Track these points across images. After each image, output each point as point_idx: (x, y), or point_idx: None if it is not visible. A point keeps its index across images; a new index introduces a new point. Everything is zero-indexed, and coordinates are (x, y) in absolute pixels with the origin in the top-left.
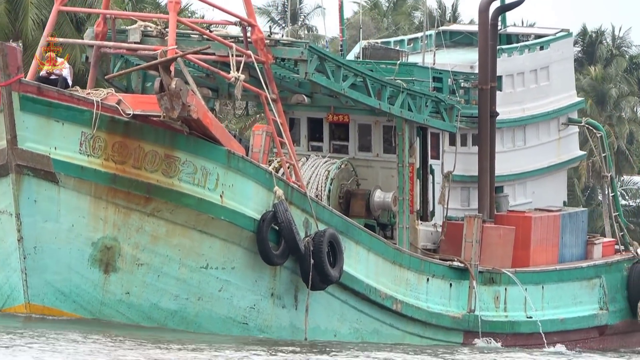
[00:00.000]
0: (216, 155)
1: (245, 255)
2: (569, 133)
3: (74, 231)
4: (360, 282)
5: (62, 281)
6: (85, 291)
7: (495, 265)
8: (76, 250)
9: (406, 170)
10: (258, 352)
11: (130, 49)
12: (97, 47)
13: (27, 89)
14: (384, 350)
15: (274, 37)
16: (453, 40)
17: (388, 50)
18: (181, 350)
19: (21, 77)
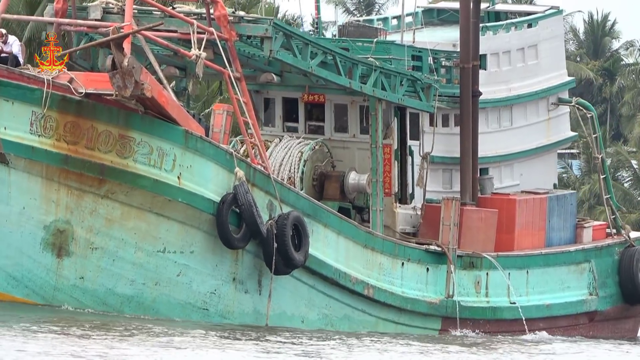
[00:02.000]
0: (173, 135)
1: (205, 239)
2: (560, 113)
3: (25, 214)
4: (329, 266)
5: (14, 266)
6: (37, 276)
7: (476, 249)
8: (28, 233)
9: (379, 151)
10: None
11: (91, 27)
12: (57, 24)
13: None
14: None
15: (237, 14)
16: (440, 18)
17: (365, 28)
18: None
19: None
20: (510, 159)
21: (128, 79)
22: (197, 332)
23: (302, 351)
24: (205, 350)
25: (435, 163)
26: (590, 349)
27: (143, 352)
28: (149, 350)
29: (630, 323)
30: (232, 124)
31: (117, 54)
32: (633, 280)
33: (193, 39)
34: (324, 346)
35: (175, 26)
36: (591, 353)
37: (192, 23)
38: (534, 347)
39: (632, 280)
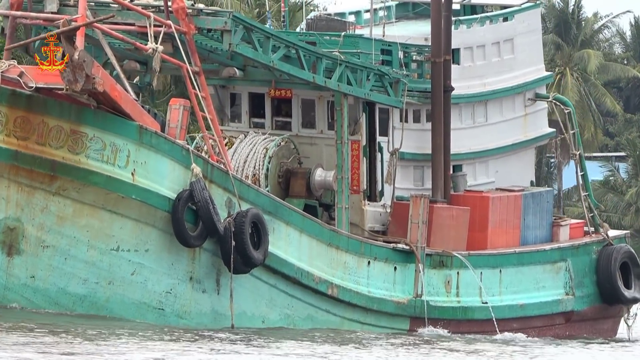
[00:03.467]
0: (127, 130)
1: (160, 237)
2: (537, 109)
3: None
4: (291, 265)
5: None
6: None
7: (447, 247)
8: None
9: (345, 148)
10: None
11: (47, 19)
12: (13, 17)
13: None
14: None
15: (196, 7)
16: (415, 12)
17: (334, 21)
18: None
19: None
20: (485, 155)
21: (79, 73)
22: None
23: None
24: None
25: (407, 160)
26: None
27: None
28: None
29: (608, 323)
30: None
31: (68, 47)
32: (611, 280)
33: (150, 32)
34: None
35: (133, 19)
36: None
37: (149, 16)
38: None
39: (610, 279)
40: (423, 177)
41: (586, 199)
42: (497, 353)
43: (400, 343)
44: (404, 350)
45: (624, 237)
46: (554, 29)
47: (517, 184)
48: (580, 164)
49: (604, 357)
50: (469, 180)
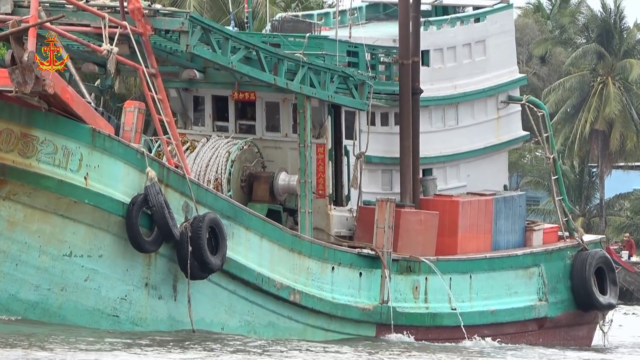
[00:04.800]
0: (79, 133)
1: (115, 242)
2: (510, 112)
3: None
4: (251, 271)
5: None
6: None
7: (415, 253)
8: None
9: (309, 151)
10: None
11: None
12: None
13: None
14: None
15: (153, 7)
16: (386, 13)
17: (299, 22)
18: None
19: None
20: (456, 159)
21: (28, 75)
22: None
23: None
24: None
25: (375, 164)
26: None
27: None
28: None
29: (583, 330)
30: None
31: (17, 49)
32: (586, 285)
33: (105, 34)
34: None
35: (89, 20)
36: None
37: (104, 17)
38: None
39: (584, 285)
40: (392, 181)
41: (560, 203)
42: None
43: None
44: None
45: (599, 242)
46: (596, 39)
47: (490, 188)
48: (554, 168)
49: None
50: (440, 185)
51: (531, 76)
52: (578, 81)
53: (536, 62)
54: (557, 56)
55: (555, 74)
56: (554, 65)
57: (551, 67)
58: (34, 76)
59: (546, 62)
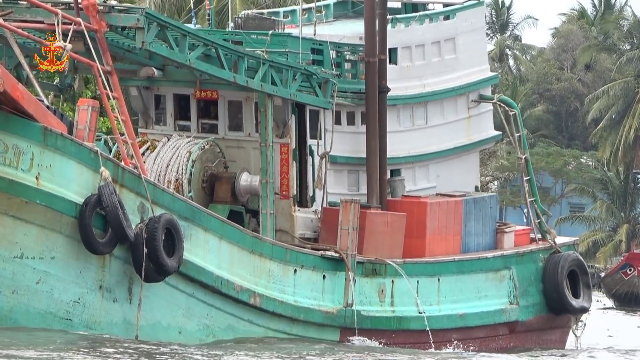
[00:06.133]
0: (30, 132)
1: (67, 244)
2: (482, 111)
3: None
4: (210, 273)
5: None
6: None
7: (382, 255)
8: None
9: (270, 150)
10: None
11: None
12: None
13: None
14: None
15: (108, 4)
16: (354, 11)
17: (262, 20)
18: None
19: None
20: (426, 159)
21: None
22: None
23: None
24: None
25: (341, 164)
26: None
27: None
28: None
29: (556, 334)
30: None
31: None
32: (558, 289)
33: (58, 30)
34: None
35: (42, 17)
36: None
37: (57, 13)
38: None
39: (557, 288)
40: (358, 182)
41: (532, 205)
42: None
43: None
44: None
45: (573, 244)
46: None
47: (460, 189)
48: (526, 168)
49: None
50: (408, 186)
51: (576, 82)
52: (622, 88)
53: (581, 69)
54: (601, 62)
55: (600, 81)
56: (598, 71)
57: (596, 73)
58: None
59: (591, 68)
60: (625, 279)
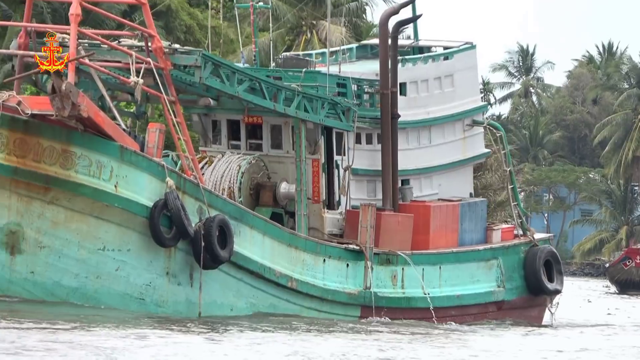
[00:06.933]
0: (109, 149)
1: (140, 239)
2: (474, 133)
3: None
4: (255, 262)
5: None
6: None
7: (394, 248)
8: None
9: (304, 164)
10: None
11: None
12: (21, 56)
13: None
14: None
15: (172, 47)
16: (373, 53)
17: (298, 60)
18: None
19: None
20: (429, 172)
21: (66, 101)
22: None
23: None
24: None
25: (361, 175)
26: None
27: None
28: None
29: (535, 311)
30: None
31: (56, 80)
32: (536, 275)
33: (132, 68)
34: None
35: (120, 57)
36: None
37: (131, 54)
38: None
39: (535, 274)
40: (375, 190)
41: (515, 208)
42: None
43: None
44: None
45: (548, 239)
46: (637, 84)
47: (457, 195)
48: (510, 179)
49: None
50: (415, 192)
51: (585, 114)
52: (622, 119)
53: (589, 103)
54: (606, 98)
55: (605, 113)
56: (603, 105)
57: (601, 107)
58: (70, 102)
59: (597, 103)
60: (625, 269)
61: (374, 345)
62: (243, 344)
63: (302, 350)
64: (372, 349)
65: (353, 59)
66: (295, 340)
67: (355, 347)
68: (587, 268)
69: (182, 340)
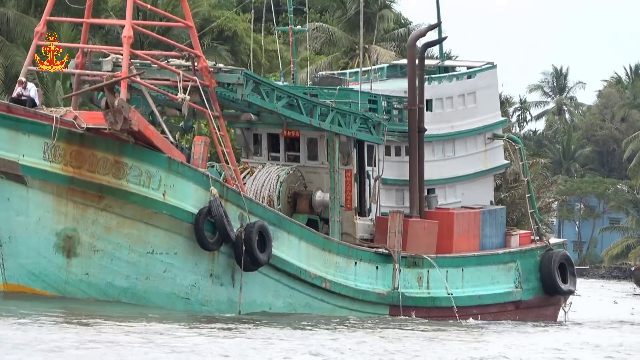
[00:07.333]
0: (158, 161)
1: (186, 243)
2: (495, 146)
3: (40, 223)
4: (292, 264)
5: (33, 264)
6: (52, 272)
7: (420, 252)
8: (43, 239)
9: (337, 174)
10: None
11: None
12: (78, 75)
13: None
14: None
15: (217, 66)
16: (402, 72)
17: (333, 78)
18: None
19: None
20: (453, 181)
21: (118, 116)
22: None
23: None
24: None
25: (390, 184)
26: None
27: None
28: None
29: (550, 310)
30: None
31: (109, 96)
32: (551, 276)
33: (180, 86)
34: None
35: (169, 76)
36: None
37: (179, 73)
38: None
39: (550, 276)
40: (403, 198)
41: (532, 215)
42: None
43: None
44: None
45: (562, 244)
46: None
47: (479, 203)
48: (527, 188)
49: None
50: (440, 200)
51: (614, 130)
52: None
53: (617, 121)
54: (632, 116)
55: (632, 129)
56: (630, 122)
57: (628, 124)
58: (122, 117)
59: (625, 120)
60: None
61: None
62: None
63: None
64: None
65: (384, 77)
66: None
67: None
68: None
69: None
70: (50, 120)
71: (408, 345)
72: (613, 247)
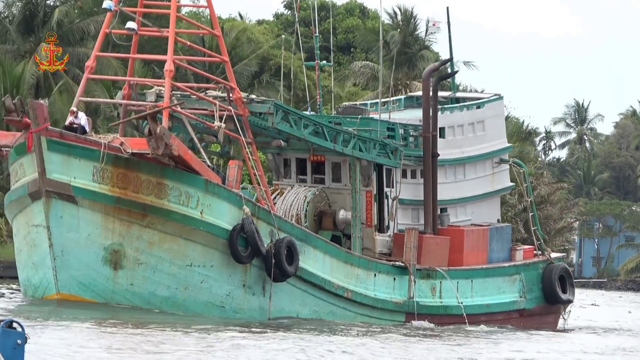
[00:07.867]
0: (196, 182)
1: (221, 257)
2: (502, 169)
3: (90, 239)
4: (317, 276)
5: (83, 276)
6: (100, 283)
7: (433, 265)
8: (92, 253)
9: (358, 195)
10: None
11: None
12: (124, 105)
13: (52, 134)
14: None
15: (250, 97)
16: (418, 102)
17: (355, 108)
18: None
19: (47, 125)
20: (464, 201)
21: (160, 142)
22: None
23: None
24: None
25: (406, 204)
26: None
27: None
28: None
29: (551, 318)
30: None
31: (152, 124)
32: (552, 287)
33: (216, 115)
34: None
35: (206, 106)
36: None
37: (215, 103)
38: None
39: (551, 286)
40: (418, 216)
41: (535, 232)
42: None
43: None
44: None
45: (562, 258)
46: None
47: (487, 221)
48: (530, 207)
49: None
50: (452, 218)
51: (629, 157)
52: None
53: (633, 149)
54: None
55: None
56: None
57: None
58: (164, 143)
59: (639, 149)
60: None
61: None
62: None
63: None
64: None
65: (401, 107)
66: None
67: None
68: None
69: None
70: (99, 146)
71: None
72: (628, 262)
